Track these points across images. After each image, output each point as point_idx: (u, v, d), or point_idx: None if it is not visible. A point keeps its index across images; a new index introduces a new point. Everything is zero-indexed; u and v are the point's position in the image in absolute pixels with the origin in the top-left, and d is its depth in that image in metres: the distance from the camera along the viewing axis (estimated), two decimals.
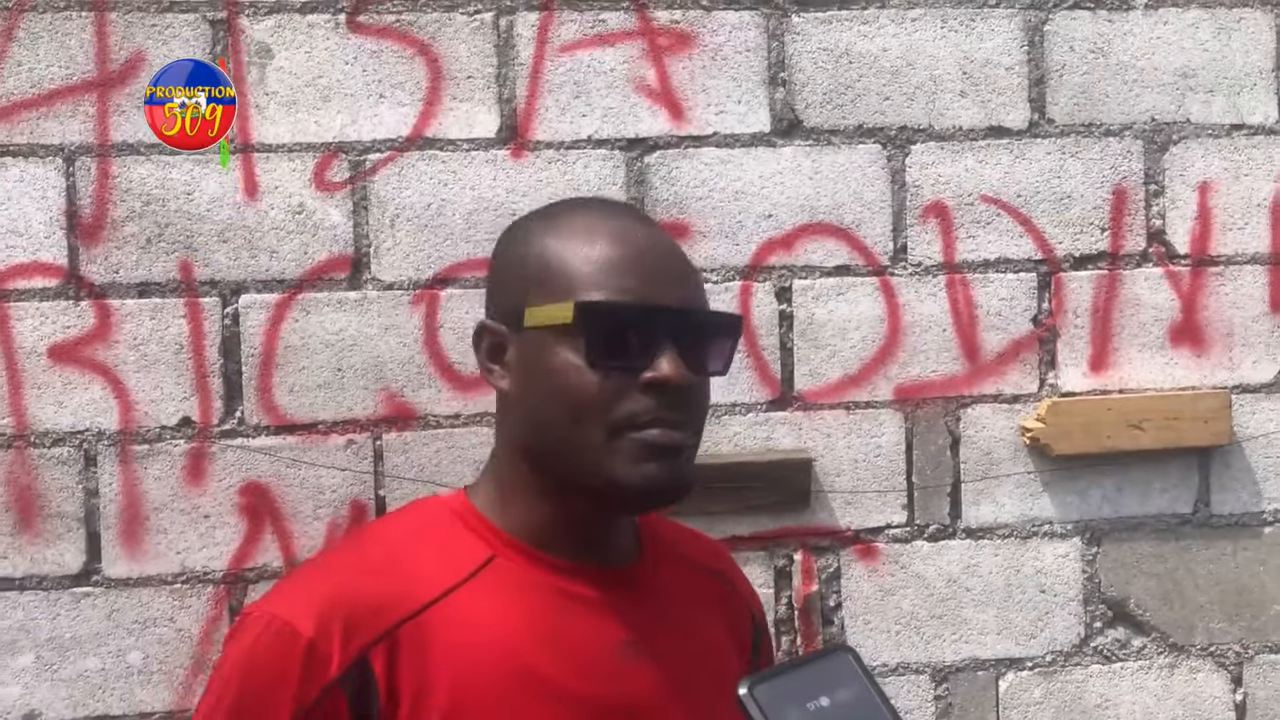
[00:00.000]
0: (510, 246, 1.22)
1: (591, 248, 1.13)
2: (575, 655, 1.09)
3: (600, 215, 1.19)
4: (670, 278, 1.14)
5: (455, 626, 1.08)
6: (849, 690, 0.86)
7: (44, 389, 1.86)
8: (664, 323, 1.11)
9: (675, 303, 1.12)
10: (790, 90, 2.00)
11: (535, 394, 1.13)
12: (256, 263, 1.89)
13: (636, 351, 1.09)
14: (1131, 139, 2.06)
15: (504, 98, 1.94)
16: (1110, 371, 2.05)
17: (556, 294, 1.12)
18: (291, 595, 1.11)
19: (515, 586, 1.11)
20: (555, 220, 1.19)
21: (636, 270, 1.12)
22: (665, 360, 1.09)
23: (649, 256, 1.14)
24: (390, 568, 1.11)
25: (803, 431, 1.99)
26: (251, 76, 1.90)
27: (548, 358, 1.12)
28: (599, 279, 1.11)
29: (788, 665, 0.88)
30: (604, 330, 1.10)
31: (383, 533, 1.23)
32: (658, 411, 1.09)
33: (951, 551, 2.03)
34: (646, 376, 1.09)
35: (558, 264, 1.14)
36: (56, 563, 1.86)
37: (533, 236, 1.18)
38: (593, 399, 1.09)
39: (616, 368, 1.09)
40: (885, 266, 2.02)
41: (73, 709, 1.86)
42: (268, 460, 1.89)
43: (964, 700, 2.02)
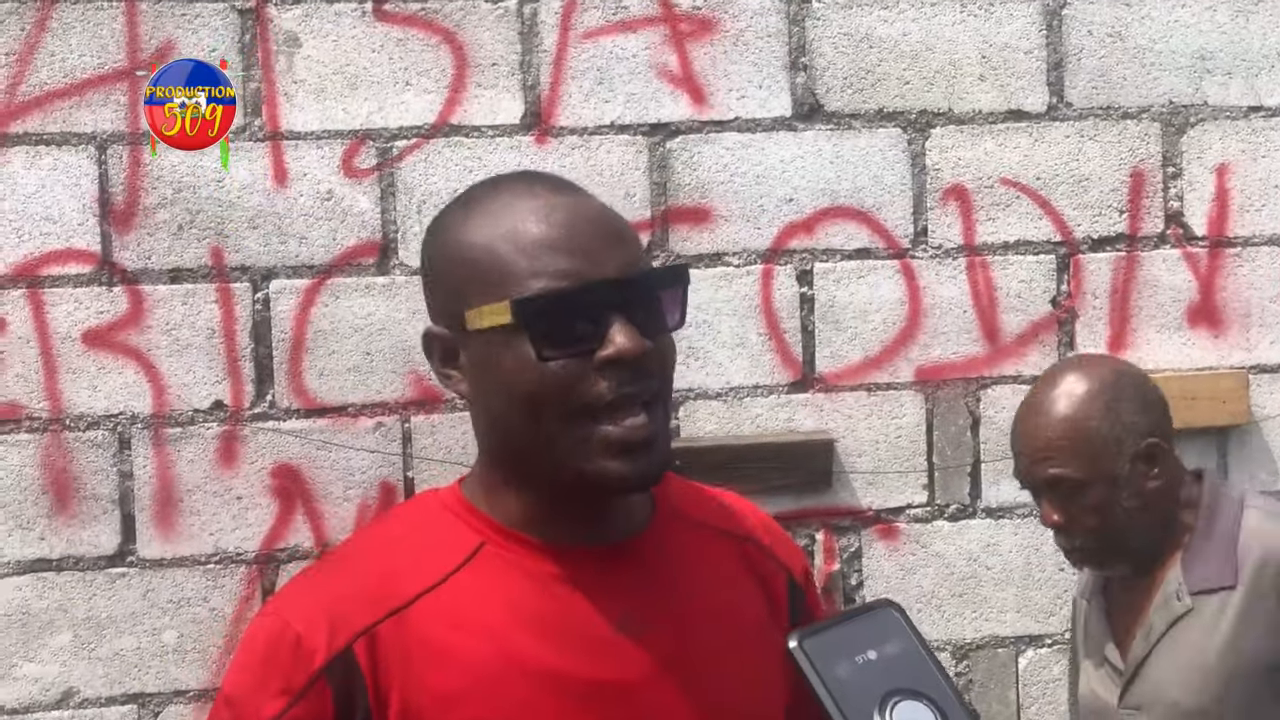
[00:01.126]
0: (436, 247, 1.15)
1: (516, 233, 1.09)
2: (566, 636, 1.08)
3: (517, 193, 1.12)
4: (605, 245, 1.09)
5: (442, 617, 1.08)
6: (895, 644, 0.88)
7: (79, 374, 1.89)
8: (607, 296, 1.06)
9: (615, 271, 1.07)
10: (811, 75, 2.02)
11: (493, 396, 1.11)
12: (286, 249, 1.92)
13: (586, 333, 1.06)
14: (1149, 121, 2.08)
15: (528, 84, 1.97)
16: (1128, 352, 2.07)
17: (491, 293, 1.08)
18: (289, 596, 1.16)
19: (505, 572, 1.10)
20: (473, 209, 1.13)
21: (567, 247, 1.08)
22: (617, 333, 1.05)
23: (578, 228, 1.09)
24: (380, 564, 1.12)
25: (824, 413, 2.02)
26: (280, 65, 1.92)
27: (498, 358, 1.08)
28: (531, 266, 1.07)
29: (835, 620, 0.90)
30: (547, 322, 1.06)
31: (378, 531, 1.24)
32: (620, 389, 1.05)
33: (972, 531, 2.05)
34: (601, 356, 1.05)
35: (485, 259, 1.09)
36: (92, 544, 1.90)
37: (455, 232, 1.12)
38: (550, 393, 1.06)
39: (570, 354, 1.05)
40: (906, 249, 2.04)
41: (109, 687, 1.89)
42: (298, 443, 1.92)
43: (984, 677, 2.05)
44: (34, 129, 1.88)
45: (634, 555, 1.13)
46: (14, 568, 1.88)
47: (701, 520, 1.21)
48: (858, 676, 0.86)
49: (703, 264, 2.00)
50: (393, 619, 1.07)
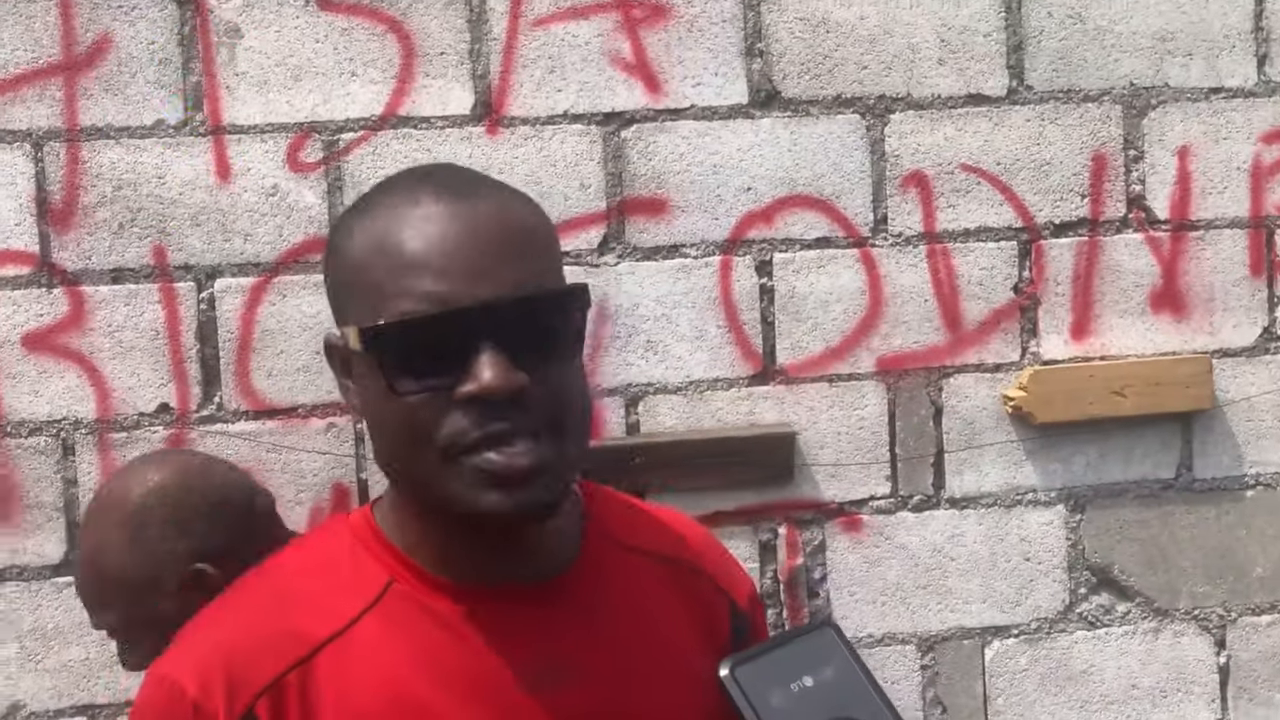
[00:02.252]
0: (331, 248, 1.05)
1: (385, 248, 0.97)
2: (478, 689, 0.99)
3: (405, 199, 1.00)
4: (483, 263, 0.96)
5: (348, 668, 0.99)
6: (832, 668, 0.85)
7: (19, 378, 1.84)
8: (476, 323, 0.94)
9: (489, 293, 0.95)
10: (768, 61, 1.98)
11: (368, 419, 1.01)
12: (231, 246, 1.87)
13: (449, 364, 0.94)
14: (1110, 104, 2.05)
15: (478, 74, 1.92)
16: (1091, 339, 2.05)
17: (356, 313, 0.98)
18: (183, 651, 1.02)
19: (414, 616, 1.00)
20: (365, 211, 1.02)
21: (435, 266, 0.95)
22: (482, 367, 0.93)
23: (455, 243, 0.96)
24: (282, 608, 1.01)
25: (785, 405, 1.99)
26: (221, 57, 1.87)
27: (367, 381, 0.99)
28: (397, 286, 0.95)
29: (769, 645, 0.87)
30: (396, 354, 0.94)
31: (281, 567, 1.09)
32: (483, 428, 0.94)
33: (936, 521, 2.03)
34: (460, 392, 0.94)
35: (358, 274, 0.98)
36: (37, 553, 1.85)
37: (344, 236, 1.02)
38: (409, 427, 0.96)
39: (428, 387, 0.95)
40: (866, 238, 2.01)
41: (58, 699, 1.85)
42: (248, 445, 1.87)
43: (950, 669, 2.03)
44: None
45: (557, 595, 1.05)
46: None
47: (636, 545, 1.11)
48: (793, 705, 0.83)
49: (660, 256, 1.96)
50: (296, 671, 0.98)
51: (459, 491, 0.96)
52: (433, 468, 0.96)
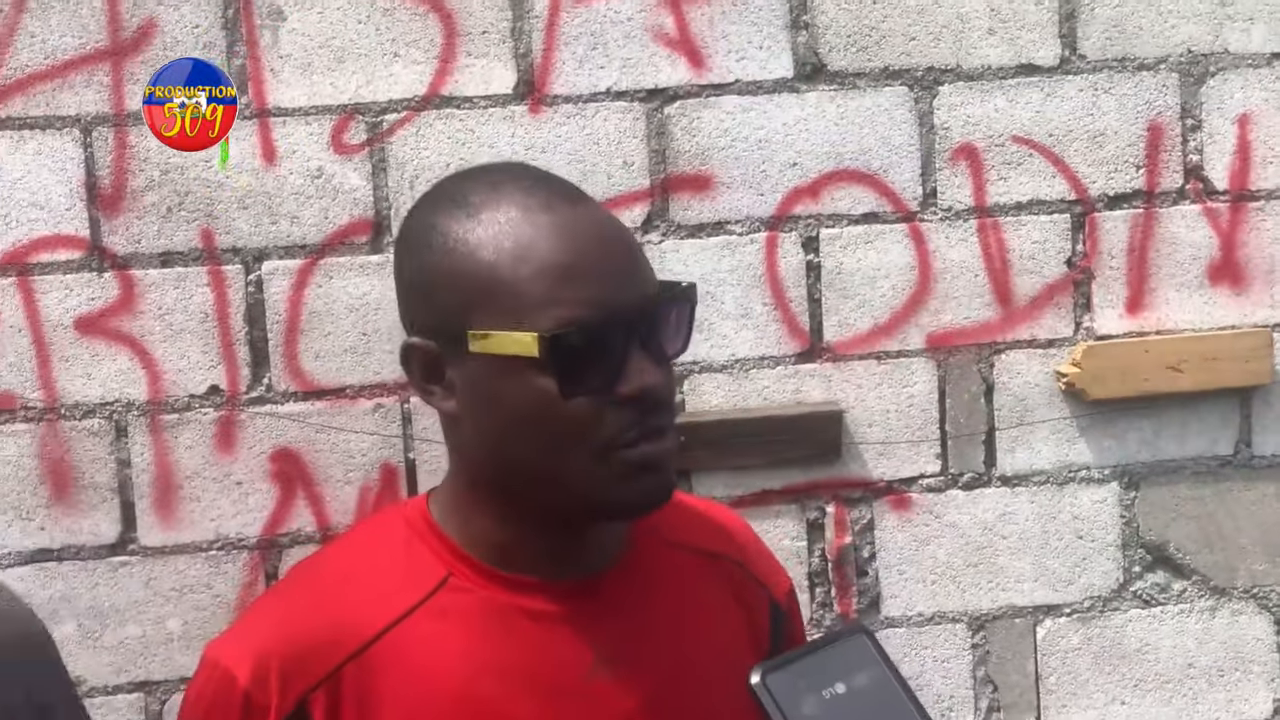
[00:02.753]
0: (426, 249, 1.05)
1: (532, 254, 0.99)
2: (534, 683, 1.01)
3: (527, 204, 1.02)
4: (624, 267, 1.01)
5: (405, 658, 1.00)
6: (865, 675, 0.84)
7: (72, 361, 1.87)
8: (629, 329, 0.99)
9: (635, 299, 1.00)
10: (813, 34, 1.95)
11: (498, 425, 1.02)
12: (278, 229, 1.88)
13: (607, 368, 0.99)
14: (1167, 72, 2.00)
15: (520, 52, 1.91)
16: (1147, 313, 2.01)
17: (506, 318, 0.99)
18: (238, 638, 1.05)
19: (472, 609, 1.03)
20: (473, 213, 1.02)
21: (590, 274, 0.99)
22: (637, 369, 0.99)
23: (598, 250, 1.01)
24: (338, 598, 1.03)
25: (833, 383, 1.97)
26: (265, 40, 1.87)
27: (509, 388, 1.00)
28: (552, 295, 0.98)
29: (801, 651, 0.87)
30: (573, 359, 0.98)
31: (337, 556, 1.13)
32: (642, 423, 1.00)
33: (987, 500, 2.00)
34: (624, 392, 0.99)
35: (497, 279, 0.99)
36: (93, 533, 1.88)
37: (451, 237, 1.02)
38: (572, 428, 0.99)
39: (590, 390, 0.99)
40: (914, 212, 1.98)
41: (115, 675, 1.88)
42: (297, 426, 1.89)
43: (1001, 648, 2.01)
44: (16, 113, 1.84)
45: (609, 590, 1.07)
46: (15, 558, 1.87)
47: (680, 540, 1.14)
48: (825, 713, 0.82)
49: (704, 233, 1.94)
50: (352, 664, 1.00)
51: (611, 485, 1.00)
52: (583, 466, 1.00)
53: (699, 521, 1.19)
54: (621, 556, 1.10)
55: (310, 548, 1.89)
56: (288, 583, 1.14)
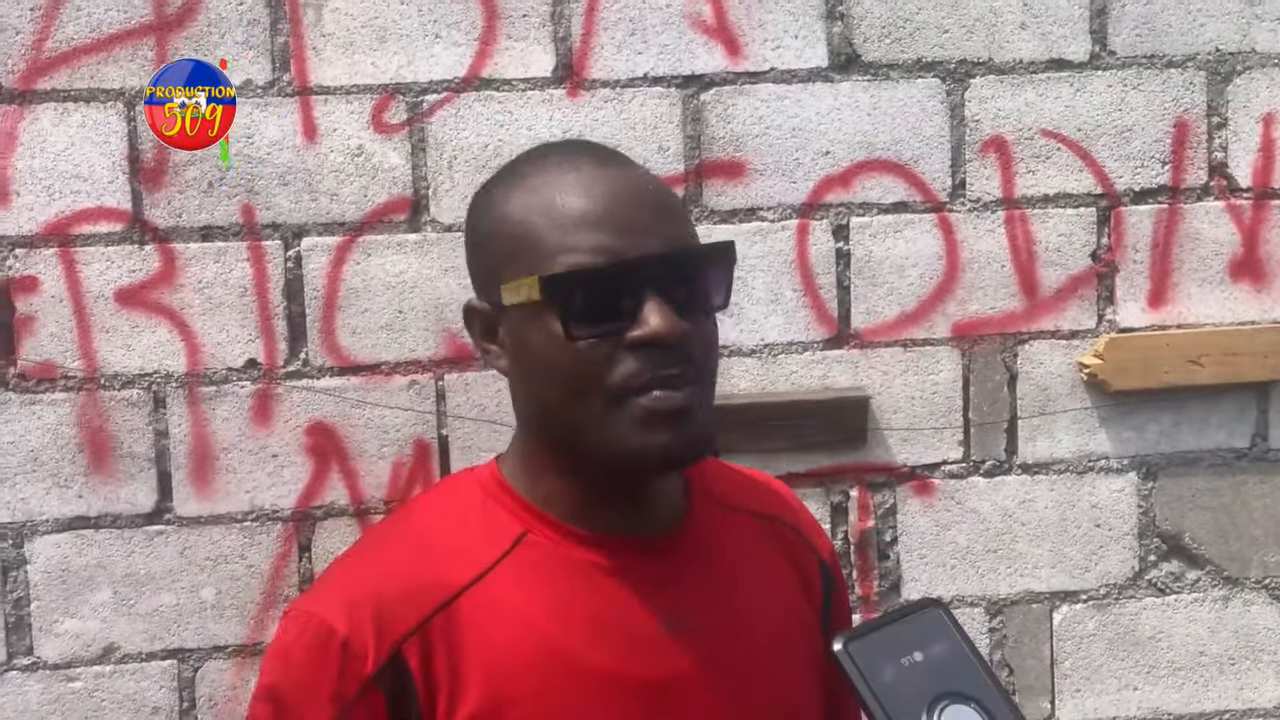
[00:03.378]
0: (479, 217, 1.12)
1: (553, 207, 1.04)
2: (613, 634, 1.05)
3: (562, 166, 1.07)
4: (645, 221, 1.04)
5: (488, 612, 1.04)
6: (941, 645, 0.87)
7: (112, 332, 1.89)
8: (643, 274, 1.01)
9: (654, 247, 1.02)
10: (848, 24, 1.98)
11: (529, 372, 1.07)
12: (317, 205, 1.91)
13: (619, 311, 1.01)
14: (1194, 70, 2.03)
15: (559, 36, 1.93)
16: (1169, 307, 2.04)
17: (523, 267, 1.04)
18: (327, 592, 1.08)
19: (548, 564, 1.06)
20: (517, 180, 1.09)
21: (605, 223, 1.02)
22: (651, 313, 1.00)
23: (619, 202, 1.04)
24: (421, 555, 1.07)
25: (859, 369, 2.00)
26: (308, 18, 1.89)
27: (530, 334, 1.04)
28: (565, 242, 1.02)
29: (879, 621, 0.89)
30: (576, 300, 1.01)
31: (415, 516, 1.16)
32: (653, 370, 1.01)
33: (1007, 487, 2.04)
34: (633, 336, 1.01)
35: (521, 233, 1.05)
36: (130, 502, 1.91)
37: (496, 203, 1.09)
38: (581, 371, 1.02)
39: (600, 333, 1.01)
40: (944, 203, 2.01)
41: (149, 642, 1.91)
42: (332, 401, 1.92)
43: (1018, 632, 2.05)
44: (62, 86, 1.86)
45: (677, 547, 1.11)
46: (53, 525, 1.89)
47: (736, 504, 1.19)
48: (904, 679, 0.85)
49: (737, 219, 1.97)
50: (441, 615, 1.03)
51: (624, 433, 1.02)
52: (597, 411, 1.02)
53: (751, 486, 1.23)
54: (683, 518, 1.13)
55: (343, 521, 1.92)
56: (368, 543, 1.17)
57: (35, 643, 1.90)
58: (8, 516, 1.89)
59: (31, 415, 1.88)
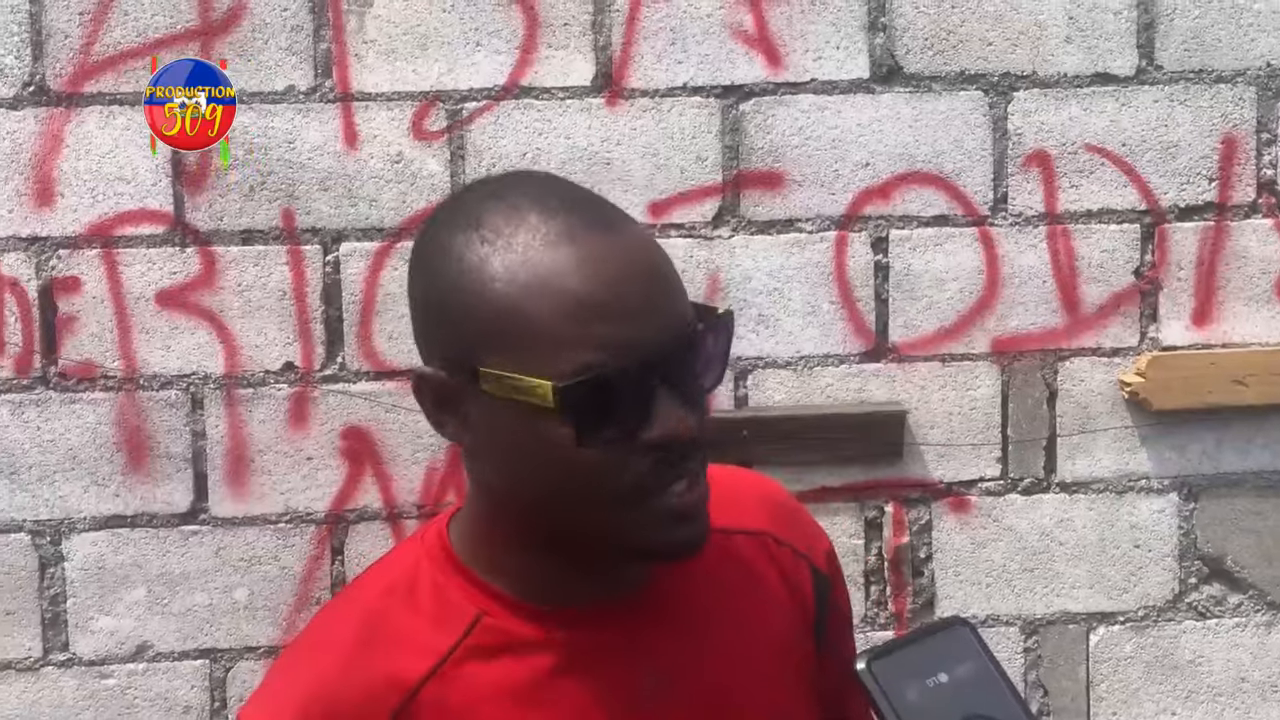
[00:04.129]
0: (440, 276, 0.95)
1: (549, 289, 0.90)
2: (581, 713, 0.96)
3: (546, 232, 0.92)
4: (653, 301, 0.92)
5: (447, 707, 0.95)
6: (968, 666, 0.85)
7: (152, 334, 1.91)
8: (656, 367, 0.90)
9: (666, 339, 0.91)
10: (890, 36, 1.96)
11: (515, 470, 0.95)
12: (356, 211, 1.92)
13: (631, 413, 0.91)
14: (1244, 86, 2.00)
15: (599, 45, 1.93)
16: (1213, 325, 2.01)
17: (520, 360, 0.90)
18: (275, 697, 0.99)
19: (509, 649, 0.97)
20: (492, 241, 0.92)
21: (614, 312, 0.90)
22: (666, 413, 0.90)
23: (626, 283, 0.91)
24: (371, 647, 0.97)
25: (896, 383, 1.98)
26: (351, 25, 1.91)
27: (523, 434, 0.92)
28: (571, 336, 0.89)
29: (905, 640, 0.87)
30: (592, 407, 0.89)
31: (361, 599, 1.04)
32: (675, 470, 0.92)
33: (1045, 505, 2.01)
34: (650, 439, 0.91)
35: (511, 315, 0.90)
36: (166, 502, 1.92)
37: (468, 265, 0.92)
38: (593, 479, 0.92)
39: (613, 439, 0.91)
40: (985, 217, 1.99)
41: (182, 641, 1.93)
42: (368, 405, 1.93)
43: (1054, 653, 2.02)
44: (107, 89, 1.89)
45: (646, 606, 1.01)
46: (90, 523, 1.92)
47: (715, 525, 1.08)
48: (929, 701, 0.83)
49: (774, 230, 1.96)
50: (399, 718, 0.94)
51: (645, 532, 0.94)
52: (610, 513, 0.93)
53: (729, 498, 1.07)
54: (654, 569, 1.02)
55: (376, 524, 1.93)
56: (313, 639, 1.05)
57: (70, 639, 1.92)
58: (46, 514, 1.91)
59: (71, 414, 1.90)
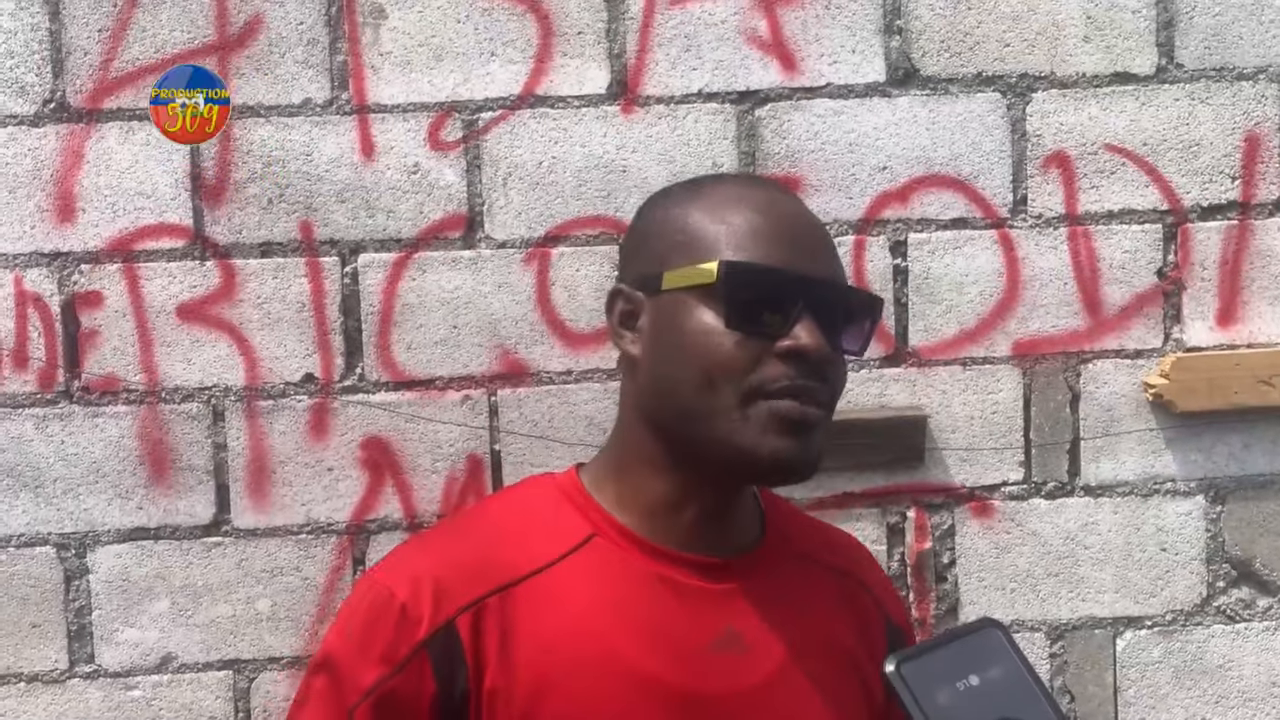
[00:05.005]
0: (653, 211, 1.21)
1: (736, 214, 1.13)
2: (663, 643, 1.07)
3: (745, 186, 1.19)
4: (814, 250, 1.13)
5: (545, 603, 1.08)
6: (999, 668, 0.85)
7: (173, 347, 1.92)
8: (805, 292, 1.09)
9: (820, 272, 1.11)
10: (906, 38, 1.96)
11: (668, 357, 1.12)
12: (374, 222, 1.93)
13: (776, 318, 1.08)
14: (1267, 82, 1.98)
15: (614, 53, 1.93)
16: (1238, 325, 1.99)
17: (700, 255, 1.11)
18: (394, 563, 1.16)
19: (611, 568, 1.10)
20: (700, 189, 1.19)
21: (781, 238, 1.11)
22: (804, 329, 1.07)
23: (795, 226, 1.13)
24: (490, 542, 1.12)
25: (917, 388, 1.97)
26: (366, 37, 1.91)
27: (684, 319, 1.10)
28: (744, 243, 1.10)
29: (935, 642, 0.87)
30: (746, 292, 1.08)
31: (489, 507, 1.25)
32: (794, 379, 1.07)
33: (1069, 509, 1.99)
34: (784, 345, 1.07)
35: (701, 228, 1.13)
36: (188, 514, 1.93)
37: (675, 203, 1.17)
38: (728, 362, 1.07)
39: (755, 332, 1.08)
40: (1004, 219, 1.97)
41: (206, 653, 1.94)
42: (387, 415, 1.93)
43: (1080, 658, 2.00)
44: (127, 105, 1.90)
45: (742, 573, 1.13)
46: (114, 536, 1.93)
47: (808, 551, 1.20)
48: (959, 703, 0.82)
49: None
50: (497, 596, 1.08)
51: (749, 432, 1.07)
52: (728, 404, 1.07)
53: (826, 538, 1.27)
54: (755, 548, 1.15)
55: (397, 535, 1.93)
56: (443, 526, 1.29)
57: (96, 651, 1.93)
58: (71, 526, 1.93)
59: (94, 428, 1.92)
